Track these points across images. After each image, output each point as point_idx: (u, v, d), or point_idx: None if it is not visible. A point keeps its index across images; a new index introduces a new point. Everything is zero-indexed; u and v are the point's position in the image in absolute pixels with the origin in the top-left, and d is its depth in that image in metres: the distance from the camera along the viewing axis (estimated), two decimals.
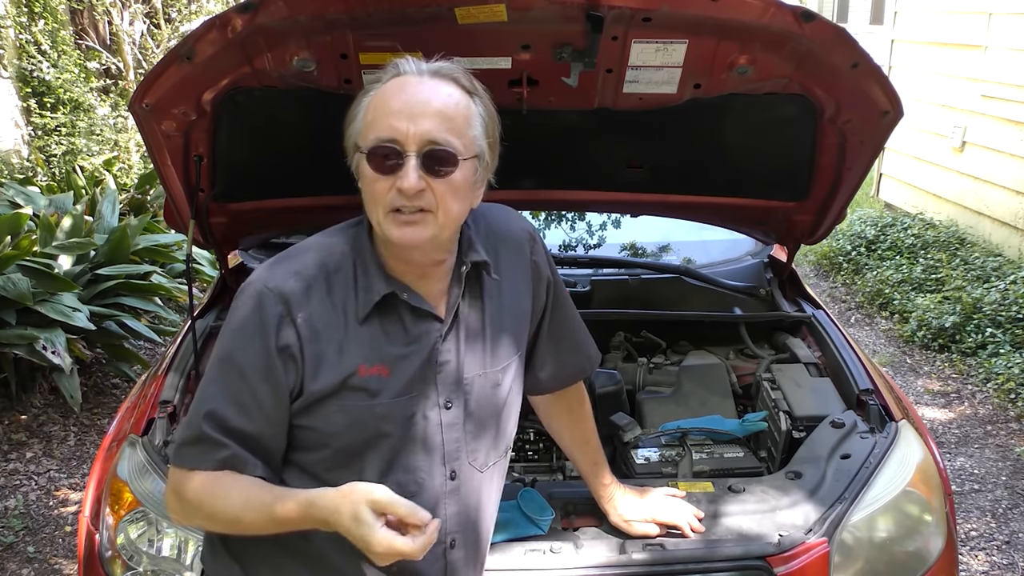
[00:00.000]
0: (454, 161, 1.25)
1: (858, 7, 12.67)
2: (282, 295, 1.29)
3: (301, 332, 1.28)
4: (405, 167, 1.23)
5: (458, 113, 1.27)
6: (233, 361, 1.30)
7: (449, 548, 1.41)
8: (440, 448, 1.37)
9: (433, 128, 1.24)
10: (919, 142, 7.17)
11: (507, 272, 1.46)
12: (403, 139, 1.23)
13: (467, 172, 1.29)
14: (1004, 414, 4.31)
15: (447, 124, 1.25)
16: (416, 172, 1.23)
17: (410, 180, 1.23)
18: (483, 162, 1.32)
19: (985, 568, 3.16)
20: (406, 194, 1.24)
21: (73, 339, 4.00)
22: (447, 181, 1.26)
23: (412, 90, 1.26)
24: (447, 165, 1.25)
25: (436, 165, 1.24)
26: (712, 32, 1.90)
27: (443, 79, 1.28)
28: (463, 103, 1.29)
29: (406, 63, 1.29)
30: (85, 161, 6.62)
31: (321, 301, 1.31)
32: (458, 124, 1.27)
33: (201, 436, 1.29)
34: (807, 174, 2.36)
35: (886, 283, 5.86)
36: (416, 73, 1.28)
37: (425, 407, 1.35)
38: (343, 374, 1.29)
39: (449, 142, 1.25)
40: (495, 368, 1.43)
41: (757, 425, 2.18)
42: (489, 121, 1.33)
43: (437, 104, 1.26)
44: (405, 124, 1.23)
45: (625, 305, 2.72)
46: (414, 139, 1.23)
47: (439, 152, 1.24)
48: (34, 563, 3.20)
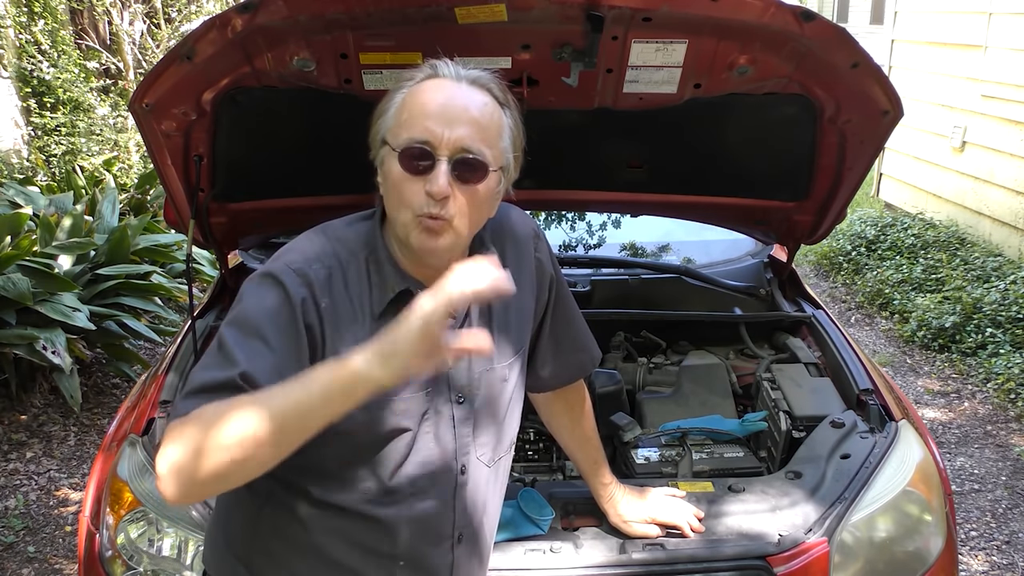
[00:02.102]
0: (484, 170, 1.26)
1: (858, 7, 12.68)
2: (307, 278, 1.26)
3: (324, 317, 1.26)
4: (436, 171, 1.23)
5: (492, 123, 1.28)
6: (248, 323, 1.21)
7: (456, 543, 1.41)
8: (452, 443, 1.38)
9: (467, 136, 1.24)
10: (919, 142, 7.17)
11: (512, 269, 1.45)
12: (437, 143, 1.23)
13: (492, 184, 1.29)
14: (1004, 414, 4.31)
15: (481, 133, 1.25)
16: (446, 177, 1.23)
17: (440, 184, 1.22)
18: (507, 174, 1.33)
19: (985, 568, 3.16)
20: (434, 197, 1.23)
21: (73, 339, 4.00)
22: (473, 191, 1.26)
23: (450, 94, 1.26)
24: (476, 173, 1.25)
25: (466, 173, 1.24)
26: (712, 32, 1.90)
27: (480, 88, 1.29)
28: (496, 114, 1.29)
29: (444, 66, 1.29)
30: (85, 161, 6.62)
31: (339, 292, 1.29)
32: (491, 135, 1.27)
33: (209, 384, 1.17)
34: (807, 174, 2.36)
35: (886, 283, 5.86)
36: (455, 78, 1.28)
37: (439, 402, 1.36)
38: None
39: (481, 151, 1.25)
40: (502, 363, 1.44)
41: (757, 425, 2.18)
42: (517, 134, 1.34)
43: (474, 112, 1.26)
44: (441, 128, 1.23)
45: (625, 305, 2.72)
46: (448, 144, 1.23)
47: (471, 160, 1.24)
48: (34, 563, 3.20)
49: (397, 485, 1.34)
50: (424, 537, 1.38)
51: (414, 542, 1.37)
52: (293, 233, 2.68)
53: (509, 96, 1.33)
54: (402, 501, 1.35)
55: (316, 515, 1.35)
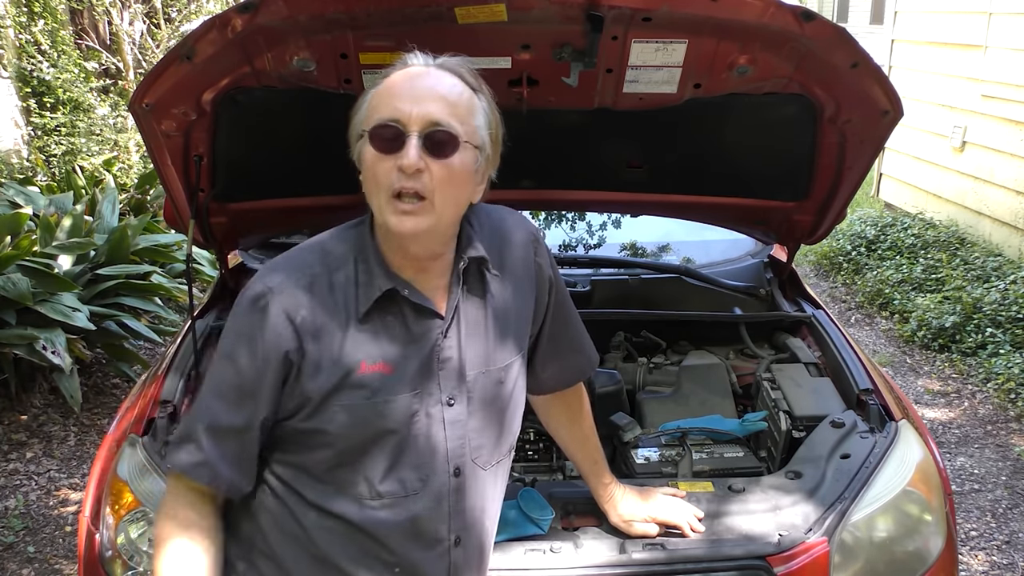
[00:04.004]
0: (455, 143, 1.27)
1: (858, 7, 12.68)
2: (283, 296, 1.30)
3: (302, 333, 1.29)
4: (406, 145, 1.25)
5: (461, 101, 1.30)
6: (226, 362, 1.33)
7: (453, 546, 1.41)
8: (443, 445, 1.37)
9: (436, 111, 1.26)
10: (919, 142, 7.17)
11: (510, 272, 1.46)
12: (406, 119, 1.26)
13: (467, 159, 1.30)
14: (1004, 414, 4.31)
15: (450, 109, 1.28)
16: (417, 151, 1.25)
17: (410, 157, 1.24)
18: (484, 154, 1.34)
19: (985, 568, 3.16)
20: (406, 171, 1.25)
21: (73, 339, 4.00)
22: (447, 164, 1.27)
23: (417, 75, 1.30)
24: (448, 146, 1.27)
25: (437, 146, 1.26)
26: (712, 32, 1.90)
27: (448, 71, 1.32)
28: (466, 94, 1.32)
29: (413, 56, 1.33)
30: (85, 161, 6.62)
31: (323, 300, 1.31)
32: (461, 111, 1.29)
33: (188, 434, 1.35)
34: (807, 174, 2.36)
35: (886, 283, 5.86)
36: (422, 64, 1.32)
37: (428, 404, 1.36)
38: (344, 371, 1.30)
39: (451, 124, 1.27)
40: (498, 366, 1.43)
41: (757, 425, 2.18)
42: (492, 117, 1.35)
43: (441, 90, 1.29)
44: (408, 106, 1.26)
45: (625, 305, 2.72)
46: (417, 119, 1.25)
47: (440, 133, 1.26)
48: (34, 563, 3.20)
49: (388, 488, 1.34)
50: (419, 540, 1.37)
51: (409, 546, 1.37)
52: (293, 233, 2.70)
53: (481, 82, 1.36)
54: (395, 504, 1.35)
55: (312, 518, 1.35)
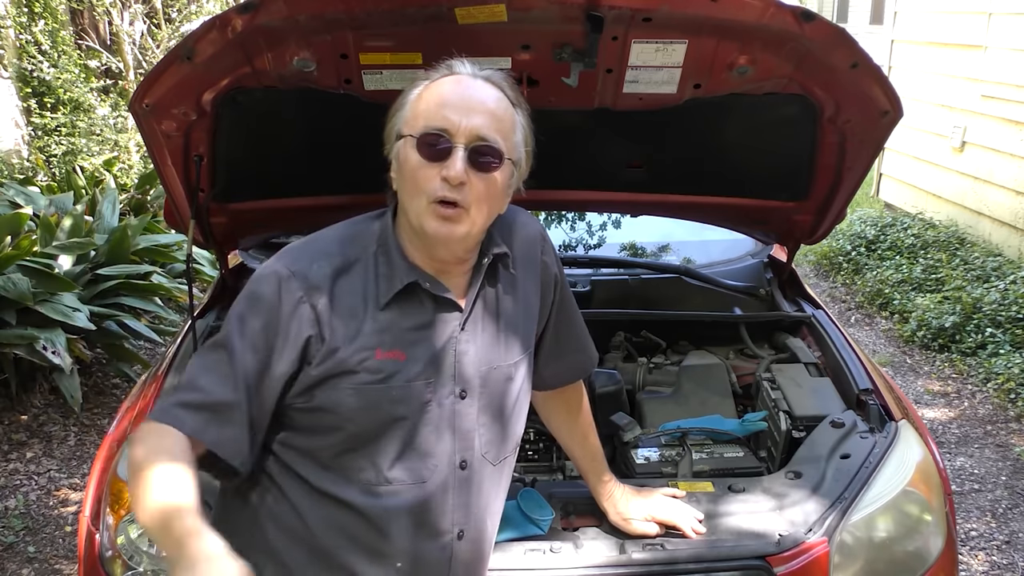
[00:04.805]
0: (500, 158, 1.31)
1: (858, 7, 12.67)
2: (304, 279, 1.31)
3: (320, 315, 1.30)
4: (452, 156, 1.28)
5: (506, 116, 1.34)
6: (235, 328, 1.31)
7: (456, 539, 1.41)
8: (452, 437, 1.38)
9: (483, 125, 1.29)
10: (919, 142, 7.17)
11: (520, 270, 1.49)
12: (454, 130, 1.28)
13: (505, 175, 1.34)
14: (1004, 414, 4.31)
15: (496, 124, 1.31)
16: (463, 163, 1.28)
17: (457, 168, 1.27)
18: (519, 169, 1.38)
19: (985, 568, 3.16)
20: (451, 182, 1.28)
21: (73, 339, 4.00)
22: (488, 179, 1.30)
23: (467, 86, 1.33)
24: (492, 162, 1.30)
25: (482, 160, 1.29)
26: (712, 32, 1.90)
27: (494, 85, 1.35)
28: (510, 110, 1.35)
29: (460, 64, 1.36)
30: (85, 161, 6.62)
31: (342, 287, 1.33)
32: (505, 126, 1.33)
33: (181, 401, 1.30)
34: (807, 174, 2.36)
35: (886, 283, 5.86)
36: (471, 74, 1.35)
37: (440, 395, 1.37)
38: (359, 356, 1.31)
39: (496, 140, 1.30)
40: (508, 362, 1.45)
41: (757, 425, 2.18)
42: (528, 133, 1.39)
43: (491, 104, 1.32)
44: (458, 116, 1.29)
45: (625, 305, 2.72)
46: (464, 132, 1.28)
47: (486, 148, 1.29)
48: (34, 563, 3.20)
49: (396, 475, 1.35)
50: (422, 531, 1.38)
51: (412, 536, 1.37)
52: (293, 233, 2.70)
53: (521, 97, 1.39)
54: (401, 492, 1.35)
55: (314, 507, 1.35)
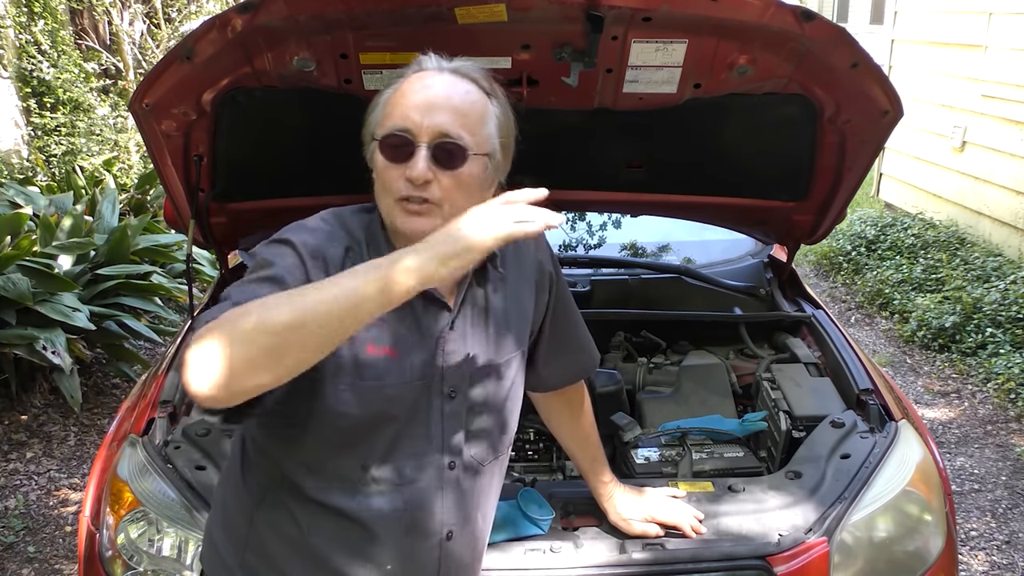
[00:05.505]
0: (463, 155, 1.28)
1: (858, 7, 12.67)
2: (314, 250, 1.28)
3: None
4: (415, 157, 1.27)
5: (473, 110, 1.31)
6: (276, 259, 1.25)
7: (446, 540, 1.41)
8: (441, 436, 1.38)
9: (446, 122, 1.27)
10: (919, 142, 7.17)
11: (512, 269, 1.47)
12: (416, 130, 1.27)
13: (476, 168, 1.31)
14: (1004, 414, 4.31)
15: (460, 119, 1.29)
16: (425, 162, 1.26)
17: (419, 168, 1.26)
18: (494, 161, 1.35)
19: (985, 568, 3.16)
20: (414, 183, 1.27)
21: (73, 339, 4.00)
22: (455, 175, 1.28)
23: (430, 83, 1.31)
24: (456, 158, 1.28)
25: (446, 157, 1.27)
26: (712, 32, 1.90)
27: (462, 77, 1.32)
28: (480, 101, 1.32)
29: (428, 59, 1.34)
30: (85, 161, 6.62)
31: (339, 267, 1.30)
32: (471, 120, 1.30)
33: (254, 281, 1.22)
34: (807, 174, 2.36)
35: (886, 283, 5.86)
36: (437, 69, 1.32)
37: (430, 394, 1.36)
38: (352, 351, 1.30)
39: (460, 136, 1.28)
40: (499, 361, 1.44)
41: (757, 425, 2.18)
42: (504, 122, 1.36)
43: (455, 100, 1.29)
44: (419, 116, 1.27)
45: (625, 305, 2.72)
46: (427, 131, 1.27)
47: (449, 145, 1.27)
48: (34, 563, 3.20)
49: (383, 475, 1.34)
50: (411, 532, 1.38)
51: (401, 538, 1.37)
52: None
53: (496, 86, 1.36)
54: (389, 492, 1.35)
55: (310, 514, 1.35)
